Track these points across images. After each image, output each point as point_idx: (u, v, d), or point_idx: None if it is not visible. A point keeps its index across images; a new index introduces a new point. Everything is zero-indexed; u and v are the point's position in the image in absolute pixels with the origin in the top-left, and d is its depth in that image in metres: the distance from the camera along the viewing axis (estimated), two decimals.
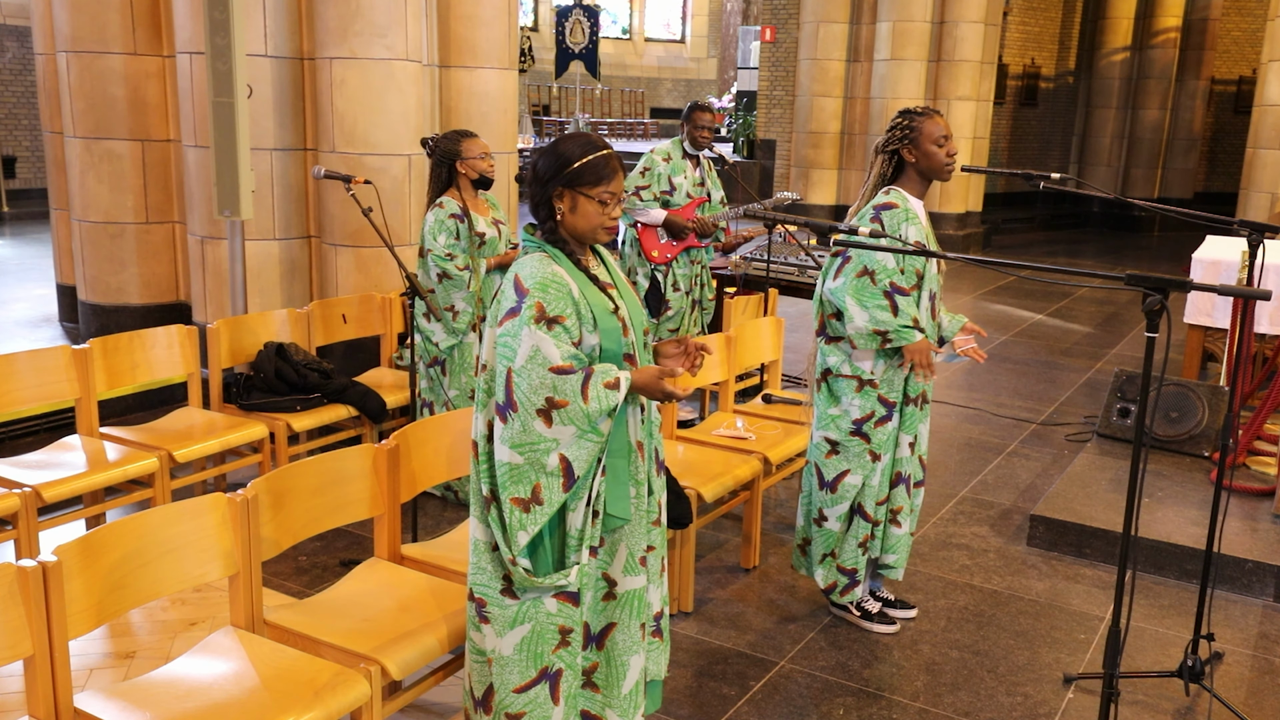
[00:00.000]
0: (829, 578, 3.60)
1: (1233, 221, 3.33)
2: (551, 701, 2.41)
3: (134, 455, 3.81)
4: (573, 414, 2.23)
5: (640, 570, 2.48)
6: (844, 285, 3.34)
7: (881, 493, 3.51)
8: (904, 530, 3.58)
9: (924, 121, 3.35)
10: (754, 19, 21.26)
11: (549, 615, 2.36)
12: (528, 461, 2.26)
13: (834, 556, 3.58)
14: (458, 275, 4.33)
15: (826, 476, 3.52)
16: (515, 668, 2.38)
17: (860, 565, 3.56)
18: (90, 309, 6.21)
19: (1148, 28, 15.45)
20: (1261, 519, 4.39)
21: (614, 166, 2.34)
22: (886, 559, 3.59)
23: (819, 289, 3.47)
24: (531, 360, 2.23)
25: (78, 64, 5.83)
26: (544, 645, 2.37)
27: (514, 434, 2.26)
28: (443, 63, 5.88)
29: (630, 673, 2.49)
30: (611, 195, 2.33)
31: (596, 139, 2.38)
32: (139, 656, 3.29)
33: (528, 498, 2.27)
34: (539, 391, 2.23)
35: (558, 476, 2.27)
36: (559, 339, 2.25)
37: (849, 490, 3.49)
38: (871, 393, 3.41)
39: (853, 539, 3.54)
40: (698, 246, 5.66)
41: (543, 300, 2.26)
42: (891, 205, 3.36)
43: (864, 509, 3.51)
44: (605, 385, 2.25)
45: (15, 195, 13.28)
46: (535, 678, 2.38)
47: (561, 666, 2.40)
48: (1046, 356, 7.83)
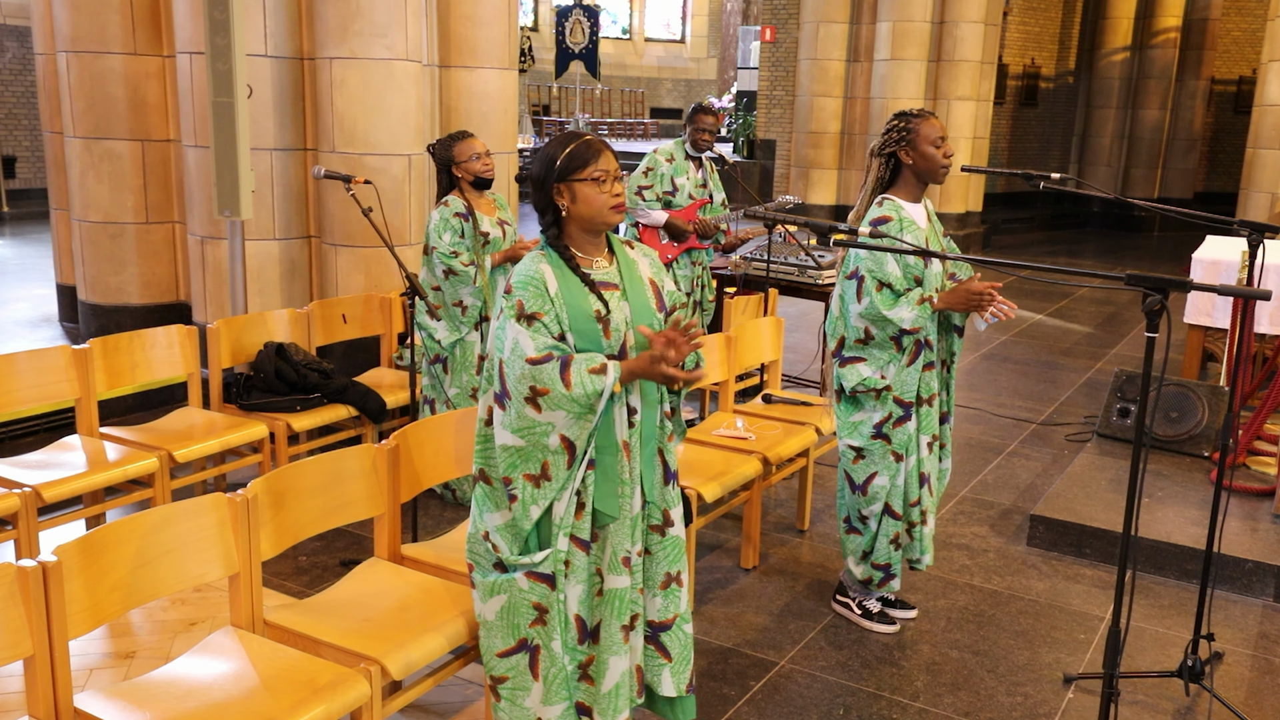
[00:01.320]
0: (866, 573, 3.66)
1: (1233, 221, 3.33)
2: (530, 675, 2.49)
3: (134, 455, 3.81)
4: (557, 400, 2.32)
5: (623, 570, 2.50)
6: (875, 302, 3.32)
7: (912, 494, 3.53)
8: (930, 527, 3.62)
9: (920, 123, 3.35)
10: (754, 19, 21.27)
11: (521, 591, 2.46)
12: (530, 444, 2.37)
13: (870, 554, 3.63)
14: (463, 271, 4.34)
15: (857, 481, 3.56)
16: (498, 633, 2.51)
17: (894, 560, 3.61)
18: (90, 309, 6.20)
19: (1148, 28, 15.44)
20: (1261, 519, 4.39)
21: (597, 147, 2.43)
22: (924, 559, 3.64)
23: (834, 311, 3.47)
24: (514, 353, 2.35)
25: (78, 64, 5.83)
26: (519, 618, 2.48)
27: (512, 420, 2.37)
28: (443, 63, 5.88)
29: (609, 673, 2.51)
30: (604, 173, 2.41)
31: (577, 132, 2.49)
32: (139, 656, 3.29)
33: (538, 474, 2.38)
34: (523, 381, 2.33)
35: (561, 454, 2.38)
36: (536, 333, 2.35)
37: (880, 492, 3.53)
38: (888, 396, 3.44)
39: (884, 537, 3.58)
40: (698, 247, 5.66)
41: (522, 298, 2.37)
42: (886, 219, 3.35)
43: (891, 508, 3.55)
44: (590, 370, 2.32)
45: (15, 195, 13.28)
46: (515, 646, 2.50)
47: (539, 643, 2.48)
48: (1046, 356, 7.83)
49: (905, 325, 3.30)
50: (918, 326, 3.31)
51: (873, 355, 3.40)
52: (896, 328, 3.31)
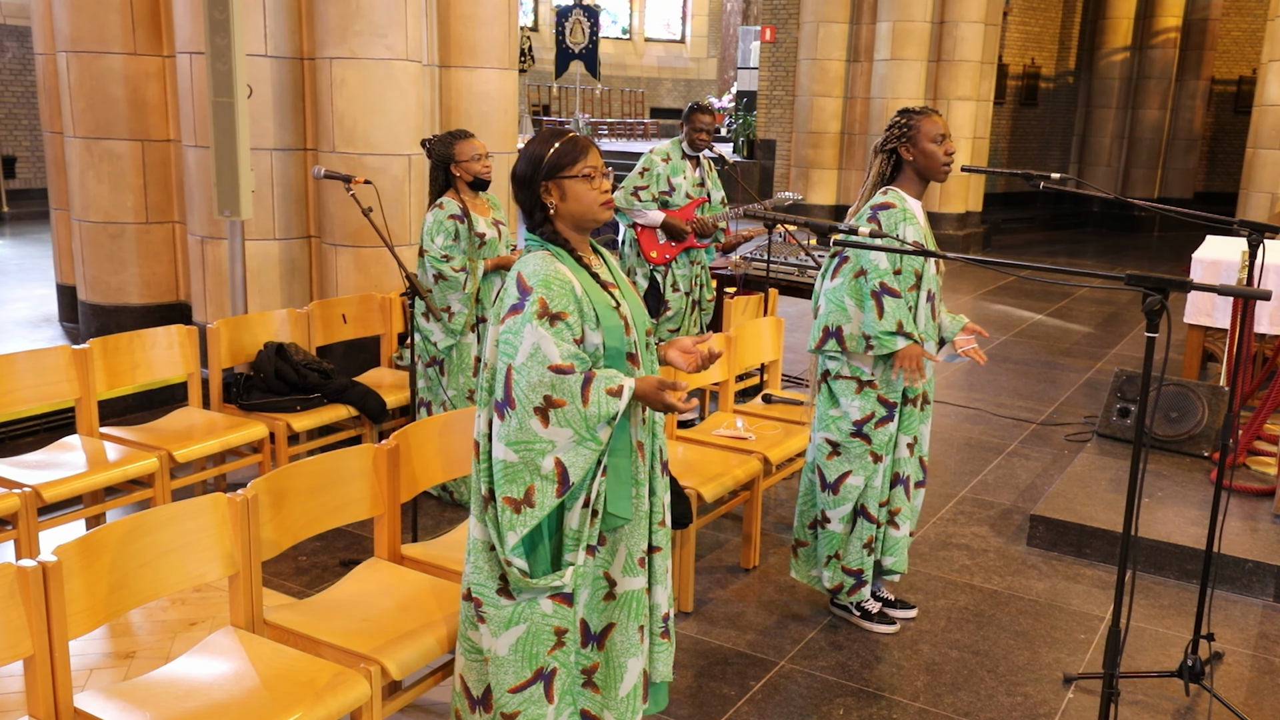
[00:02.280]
0: (835, 579, 3.60)
1: (1233, 221, 3.33)
2: (546, 700, 2.41)
3: (134, 455, 3.81)
4: (570, 415, 2.23)
5: (639, 571, 2.47)
6: (842, 285, 3.34)
7: (884, 494, 3.51)
8: (902, 532, 3.57)
9: (922, 120, 3.35)
10: (754, 19, 21.27)
11: (544, 616, 2.36)
12: (522, 461, 2.26)
13: (839, 558, 3.58)
14: (453, 276, 4.33)
15: (829, 478, 3.52)
16: (510, 668, 2.38)
17: (866, 566, 3.56)
18: (90, 309, 6.20)
19: (1148, 28, 15.45)
20: (1261, 519, 4.39)
21: (584, 144, 2.39)
22: (885, 561, 3.58)
23: (817, 289, 3.47)
24: (532, 358, 2.24)
25: (78, 64, 5.83)
26: (539, 646, 2.37)
27: (511, 431, 2.27)
28: (443, 63, 5.88)
29: (628, 675, 2.48)
30: (593, 169, 2.37)
31: (561, 130, 2.45)
32: (139, 656, 3.29)
33: (520, 499, 2.27)
34: (537, 389, 2.23)
35: (552, 481, 2.27)
36: (560, 336, 2.25)
37: (851, 491, 3.49)
38: (871, 393, 3.41)
39: (857, 540, 3.53)
40: (697, 247, 5.66)
41: (546, 296, 2.27)
42: (889, 205, 3.36)
43: (867, 510, 3.50)
44: (608, 391, 2.24)
45: (15, 195, 13.28)
46: (530, 678, 2.38)
47: (556, 666, 2.40)
48: (1046, 356, 7.83)
49: (853, 324, 3.31)
50: (880, 334, 3.30)
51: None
52: (851, 328, 3.33)
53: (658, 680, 2.61)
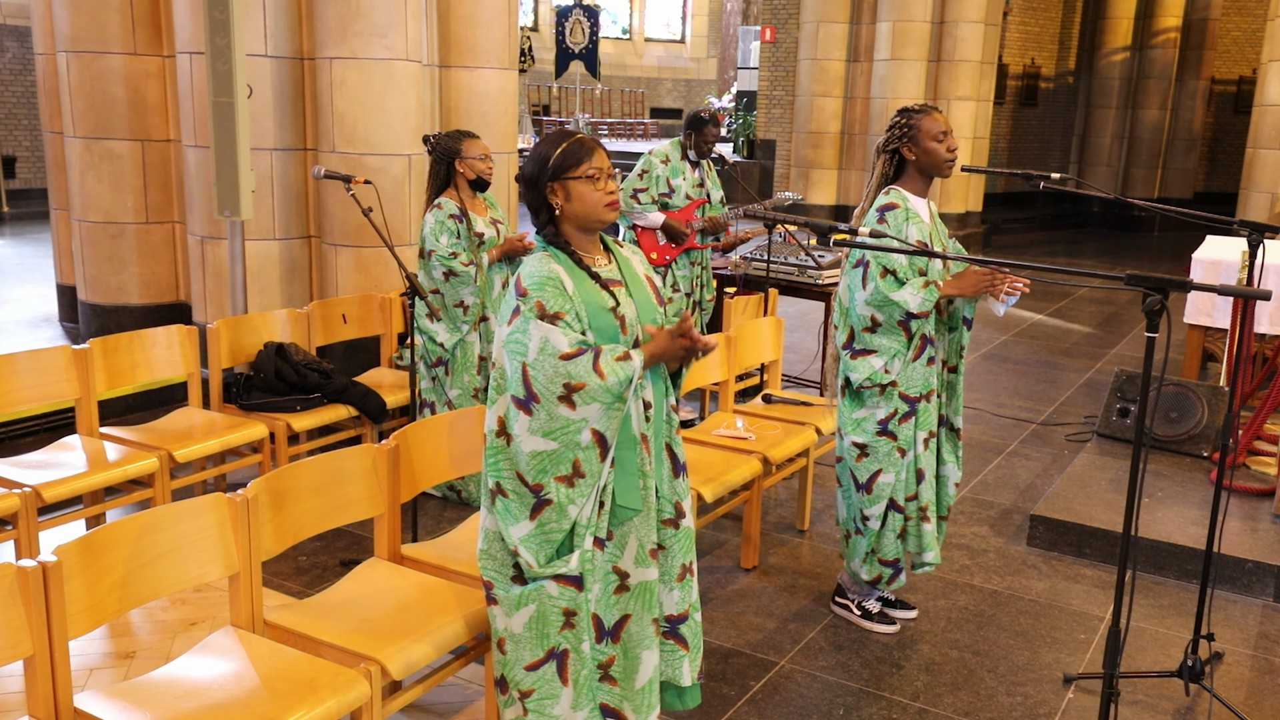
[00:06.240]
0: (873, 571, 3.64)
1: (1233, 221, 3.33)
2: (560, 681, 2.45)
3: (134, 455, 3.81)
4: (593, 393, 2.30)
5: (651, 562, 2.50)
6: (880, 286, 3.32)
7: (910, 488, 3.53)
8: (932, 525, 3.59)
9: (922, 118, 3.36)
10: (754, 19, 21.26)
11: (551, 597, 2.42)
12: (562, 445, 2.34)
13: (875, 552, 3.61)
14: (464, 271, 4.34)
15: (860, 479, 3.54)
16: (526, 645, 2.45)
17: (900, 555, 3.60)
18: (90, 309, 6.20)
19: (1148, 28, 15.45)
20: (1261, 519, 4.39)
21: (590, 145, 2.43)
22: (925, 556, 3.58)
23: (843, 301, 3.45)
24: (543, 352, 2.31)
25: (78, 64, 5.83)
26: (549, 626, 2.43)
27: (542, 424, 2.33)
28: (443, 63, 5.88)
29: (644, 667, 2.51)
30: (598, 170, 2.42)
31: (568, 131, 2.49)
32: (139, 656, 3.29)
33: (570, 473, 2.35)
34: (555, 380, 2.30)
35: (594, 449, 2.36)
36: (564, 329, 2.33)
37: (884, 489, 3.52)
38: (893, 392, 3.43)
39: (890, 532, 3.57)
40: (698, 248, 5.66)
41: (541, 299, 2.34)
42: (893, 205, 3.37)
43: (896, 502, 3.54)
44: (616, 360, 2.32)
45: (15, 195, 13.28)
46: (544, 656, 2.45)
47: (567, 647, 2.44)
48: (1046, 356, 7.83)
49: (911, 308, 3.29)
50: (924, 310, 3.29)
51: (882, 346, 3.38)
52: (903, 311, 3.30)
53: (681, 684, 2.62)
